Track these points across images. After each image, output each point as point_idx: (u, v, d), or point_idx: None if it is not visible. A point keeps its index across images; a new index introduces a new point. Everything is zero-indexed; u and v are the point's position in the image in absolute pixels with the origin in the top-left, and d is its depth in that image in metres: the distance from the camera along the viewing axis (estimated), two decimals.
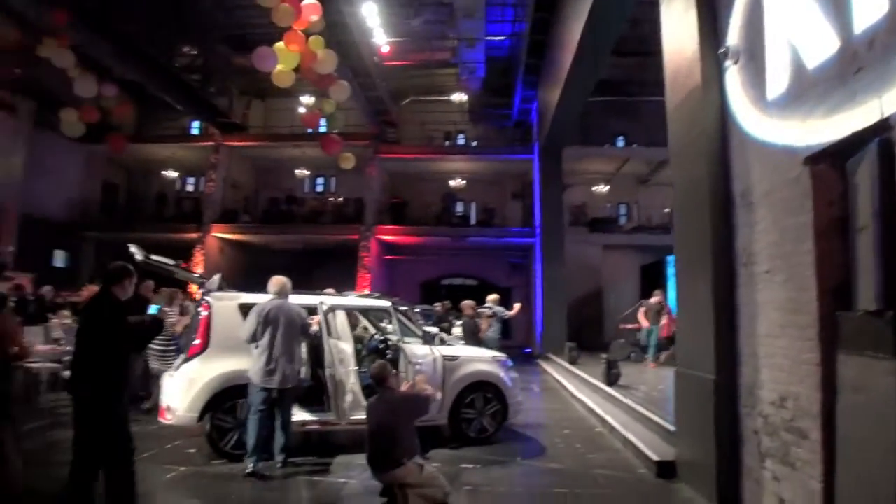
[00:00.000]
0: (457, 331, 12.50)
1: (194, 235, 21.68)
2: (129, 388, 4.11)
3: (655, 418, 6.40)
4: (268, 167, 25.19)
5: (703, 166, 4.77)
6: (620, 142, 21.74)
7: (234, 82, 22.92)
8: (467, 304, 10.31)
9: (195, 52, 21.63)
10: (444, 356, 6.63)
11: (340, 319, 6.52)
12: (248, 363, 5.64)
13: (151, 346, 7.78)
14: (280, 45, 11.63)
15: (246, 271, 23.29)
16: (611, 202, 22.15)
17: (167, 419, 5.77)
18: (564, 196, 19.92)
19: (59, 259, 21.91)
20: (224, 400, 5.78)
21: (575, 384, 10.53)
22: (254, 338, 5.48)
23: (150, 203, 25.12)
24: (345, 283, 19.38)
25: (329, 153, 15.44)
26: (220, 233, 21.97)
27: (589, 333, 16.37)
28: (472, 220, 22.87)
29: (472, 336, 9.75)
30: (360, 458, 5.01)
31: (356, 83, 18.30)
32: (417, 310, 15.48)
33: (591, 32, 10.41)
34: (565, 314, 16.36)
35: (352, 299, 6.85)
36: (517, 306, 11.46)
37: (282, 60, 11.83)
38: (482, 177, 23.25)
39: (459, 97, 21.85)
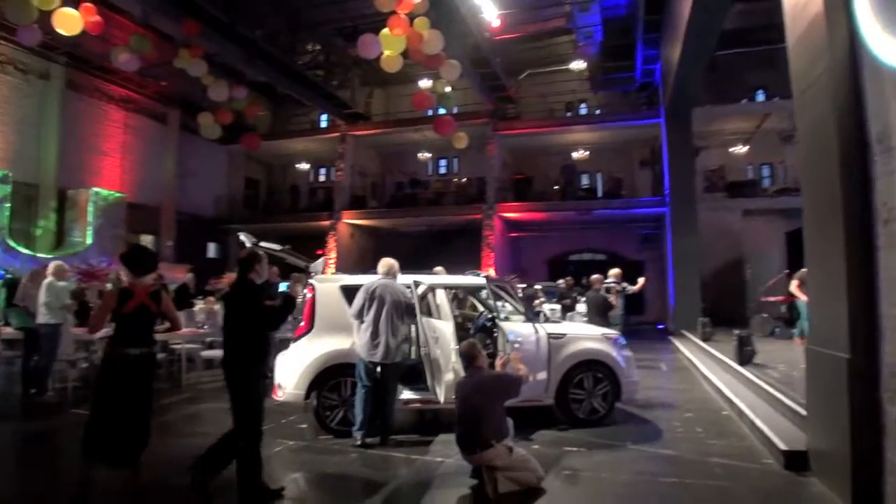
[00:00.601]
0: (581, 307, 12.03)
1: (326, 223, 22.91)
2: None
3: (789, 402, 5.66)
4: (392, 153, 25.91)
5: (829, 107, 4.04)
6: (760, 96, 19.58)
7: (355, 73, 23.70)
8: (596, 277, 9.70)
9: (316, 49, 22.63)
10: (549, 334, 6.35)
11: (440, 298, 6.45)
12: (350, 343, 5.82)
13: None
14: (385, 30, 11.75)
15: (374, 254, 24.15)
16: (752, 163, 20.12)
17: (278, 396, 6.08)
18: (698, 160, 18.42)
19: (212, 251, 24.21)
20: (328, 378, 5.98)
21: (706, 363, 9.71)
22: (360, 314, 5.67)
23: (286, 195, 26.93)
24: (470, 262, 19.52)
25: (442, 134, 15.48)
26: (349, 219, 23.00)
27: (728, 308, 15.02)
28: (599, 192, 21.94)
29: (600, 312, 9.17)
30: None
31: (468, 61, 18.14)
32: (539, 287, 15.17)
33: None
34: (699, 287, 15.14)
35: (446, 277, 6.75)
36: (641, 280, 10.76)
37: (388, 46, 11.96)
38: (607, 146, 22.20)
39: (578, 65, 20.85)
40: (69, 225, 18.11)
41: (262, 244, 6.42)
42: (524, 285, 13.53)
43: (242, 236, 6.60)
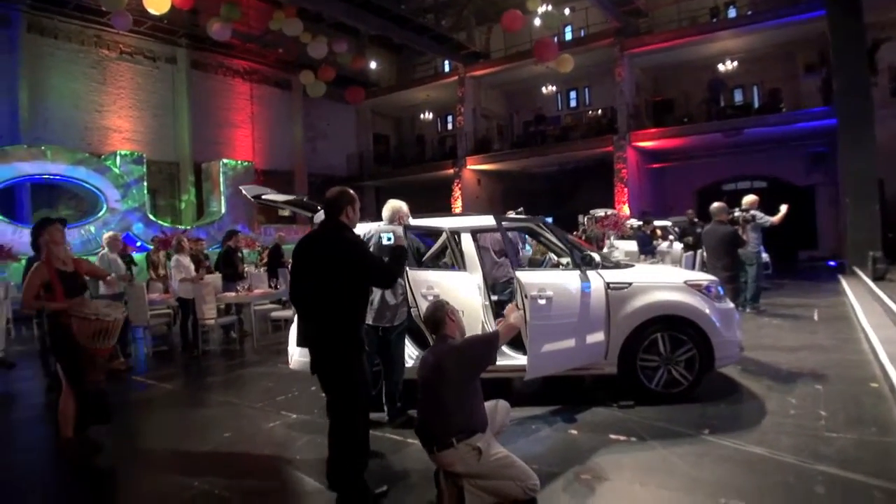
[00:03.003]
0: None
1: (451, 171, 22.11)
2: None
3: None
4: (516, 91, 24.30)
5: None
6: None
7: (469, 12, 22.17)
8: (719, 206, 7.46)
9: None
10: (608, 284, 4.85)
11: (466, 245, 5.19)
12: None
13: None
14: None
15: (503, 201, 23.01)
16: None
17: (290, 365, 5.38)
18: (880, 56, 14.50)
19: None
20: None
21: (870, 311, 7.32)
22: None
23: (414, 147, 26.55)
24: (607, 200, 17.62)
25: (542, 60, 13.74)
26: (474, 165, 22.09)
27: None
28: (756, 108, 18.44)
29: (725, 250, 7.15)
30: None
31: None
32: (667, 223, 13.04)
33: None
34: (878, 214, 11.82)
35: (451, 220, 5.43)
36: (783, 209, 8.44)
37: None
38: (763, 52, 18.54)
39: None
40: (206, 196, 19.27)
41: (264, 197, 5.67)
42: (639, 223, 11.59)
43: (244, 189, 5.91)
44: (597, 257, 4.78)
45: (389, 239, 3.61)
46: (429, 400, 3.29)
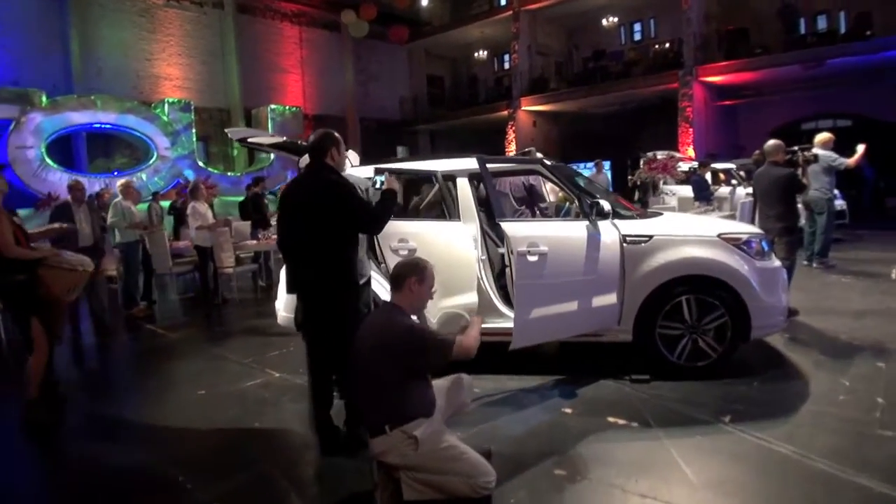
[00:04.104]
0: None
1: (505, 113, 21.07)
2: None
3: None
4: (577, 25, 22.59)
5: None
6: None
7: None
8: (775, 144, 6.29)
9: None
10: (624, 236, 4.13)
11: (462, 191, 4.54)
12: None
13: None
14: None
15: (559, 144, 21.79)
16: None
17: (278, 321, 5.01)
18: None
19: (401, 153, 24.02)
20: None
21: None
22: None
23: (468, 88, 25.47)
24: (669, 142, 16.31)
25: None
26: (529, 106, 20.91)
27: None
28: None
29: (781, 195, 6.00)
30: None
31: None
32: (731, 166, 11.78)
33: None
34: None
35: (442, 163, 4.70)
36: (861, 149, 7.23)
37: None
38: None
39: None
40: None
41: (251, 140, 5.21)
42: (695, 165, 10.44)
43: (229, 132, 5.48)
44: (607, 205, 4.02)
45: (383, 183, 3.40)
46: (363, 377, 2.75)
